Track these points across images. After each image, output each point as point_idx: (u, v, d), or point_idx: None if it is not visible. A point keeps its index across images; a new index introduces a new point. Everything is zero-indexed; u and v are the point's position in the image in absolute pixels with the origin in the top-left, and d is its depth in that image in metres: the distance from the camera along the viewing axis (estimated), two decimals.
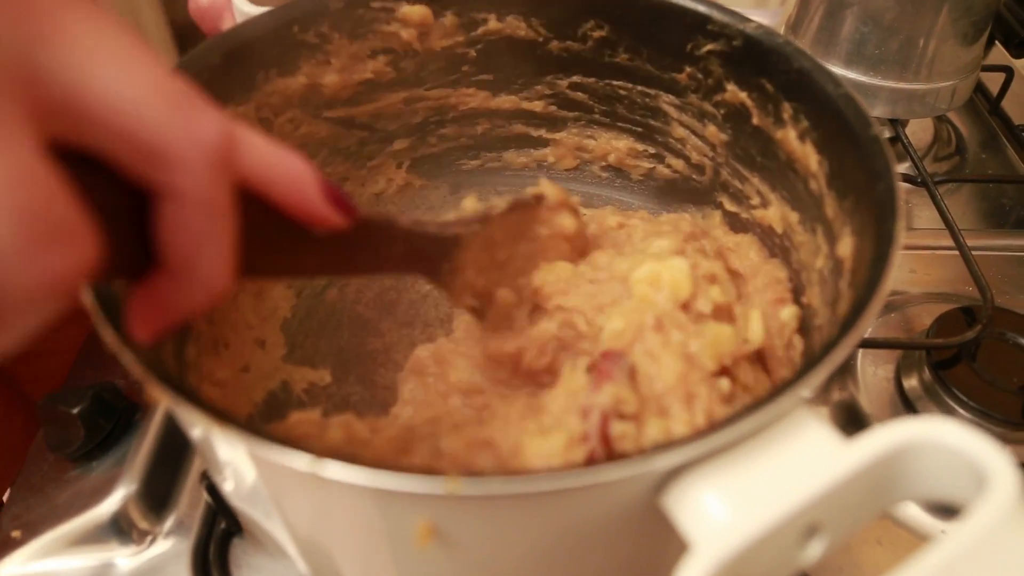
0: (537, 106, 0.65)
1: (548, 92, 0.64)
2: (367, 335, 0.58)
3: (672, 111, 0.60)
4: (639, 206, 0.67)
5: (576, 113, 0.65)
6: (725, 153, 0.58)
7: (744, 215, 0.58)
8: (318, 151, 0.61)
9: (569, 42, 0.59)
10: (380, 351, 0.57)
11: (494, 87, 0.64)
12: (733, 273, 0.54)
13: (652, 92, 0.60)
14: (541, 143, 0.68)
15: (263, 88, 0.53)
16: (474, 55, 0.61)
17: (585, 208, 0.67)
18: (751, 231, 0.58)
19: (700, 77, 0.56)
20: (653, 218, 0.61)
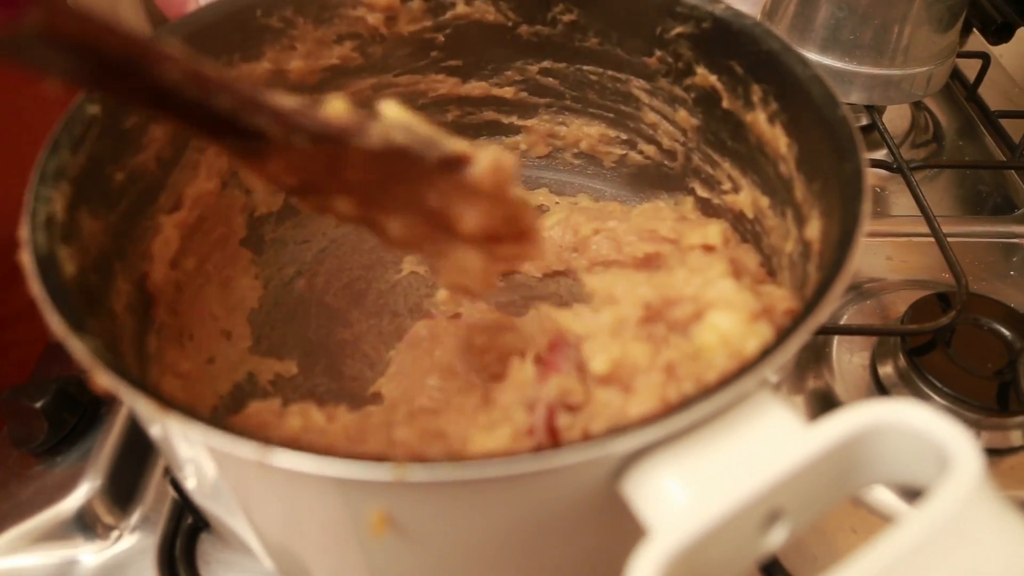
0: (508, 92, 0.64)
1: (518, 78, 0.63)
2: (335, 326, 0.57)
3: (643, 96, 0.59)
4: (612, 195, 0.67)
5: (547, 99, 0.65)
6: (696, 138, 0.57)
7: (716, 200, 0.58)
8: None
9: (539, 26, 0.59)
10: (348, 342, 0.56)
11: (464, 73, 0.63)
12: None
13: (623, 77, 0.59)
14: (513, 130, 0.67)
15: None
16: (442, 40, 0.60)
17: (557, 196, 0.67)
18: (723, 216, 0.57)
19: (670, 60, 0.55)
20: (627, 215, 0.60)
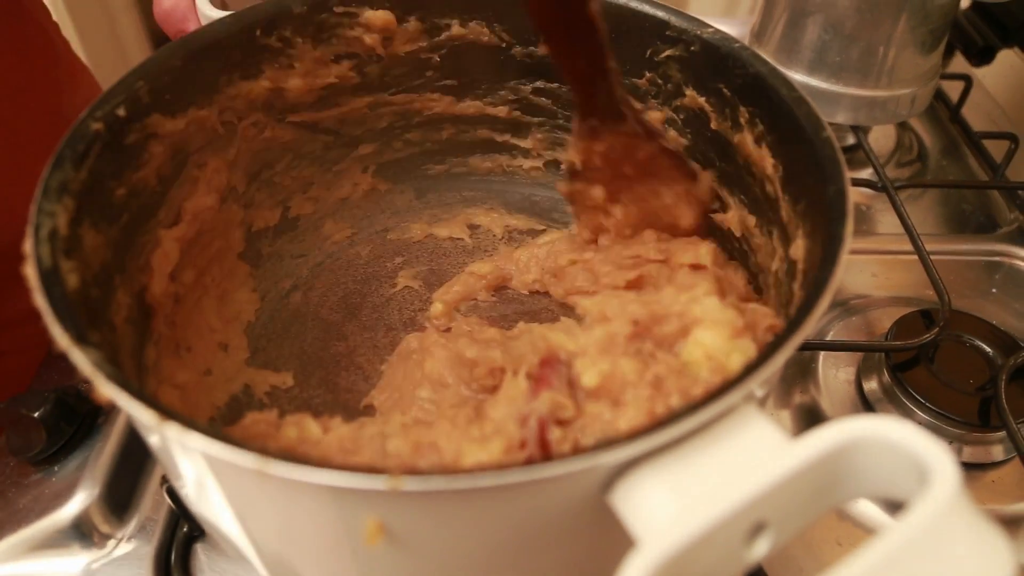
0: (501, 111, 0.65)
1: (512, 97, 0.64)
2: (330, 339, 0.58)
3: None
4: None
5: (540, 118, 0.66)
6: (685, 157, 0.58)
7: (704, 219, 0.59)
8: (283, 155, 0.61)
9: (531, 48, 0.60)
10: (343, 354, 0.57)
11: (458, 92, 0.64)
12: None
13: None
14: (506, 148, 0.68)
15: (226, 91, 0.53)
16: (438, 60, 0.61)
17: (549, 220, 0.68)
18: (711, 235, 0.58)
19: (660, 83, 0.56)
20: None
